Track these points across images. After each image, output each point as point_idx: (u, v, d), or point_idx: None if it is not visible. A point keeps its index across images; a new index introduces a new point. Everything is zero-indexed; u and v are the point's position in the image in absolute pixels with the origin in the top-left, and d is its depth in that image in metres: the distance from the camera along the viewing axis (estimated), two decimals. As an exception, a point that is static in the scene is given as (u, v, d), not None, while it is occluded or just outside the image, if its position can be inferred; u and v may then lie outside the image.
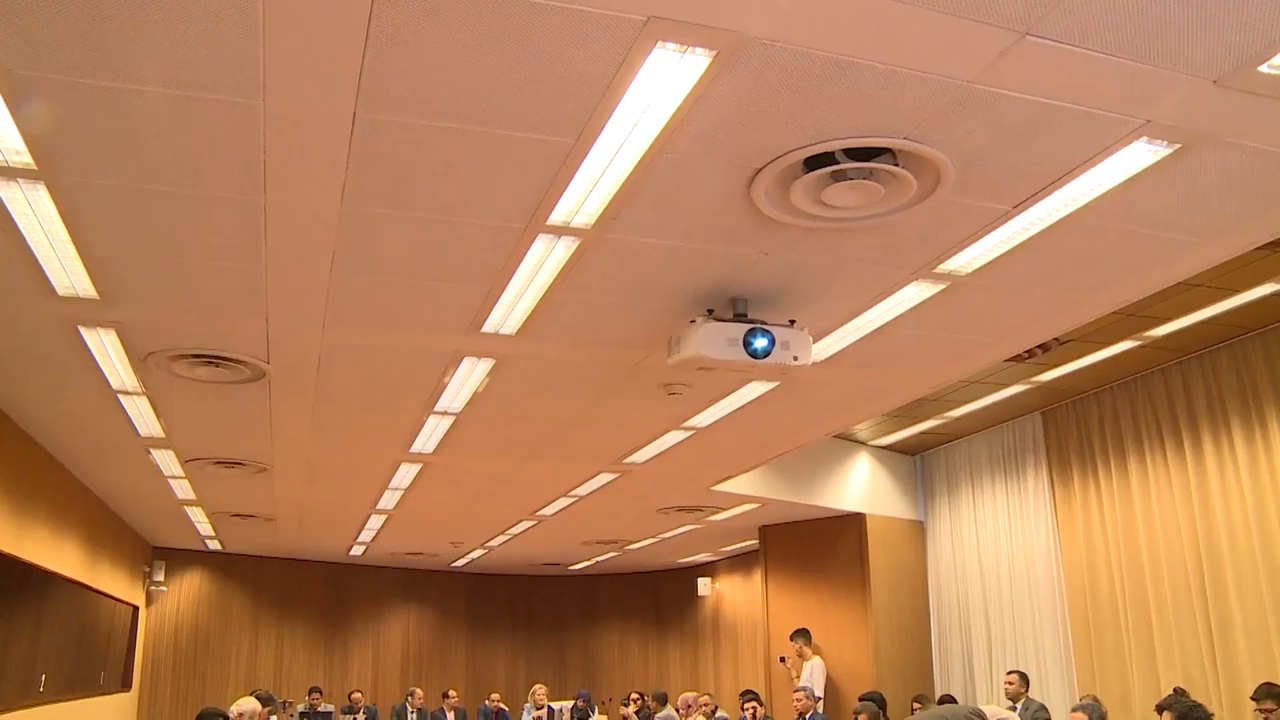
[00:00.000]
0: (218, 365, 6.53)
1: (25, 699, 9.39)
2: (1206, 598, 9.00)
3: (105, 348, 6.27)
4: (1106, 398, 10.29)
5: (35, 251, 4.82)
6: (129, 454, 9.26)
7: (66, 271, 5.07)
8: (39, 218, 4.48)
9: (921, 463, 13.06)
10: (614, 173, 4.14)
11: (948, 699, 10.48)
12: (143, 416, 7.93)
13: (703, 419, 8.03)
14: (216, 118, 3.68)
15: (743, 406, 7.66)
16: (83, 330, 5.97)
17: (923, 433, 11.92)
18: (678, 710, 12.72)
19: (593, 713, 14.73)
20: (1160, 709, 5.88)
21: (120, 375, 6.84)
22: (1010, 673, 9.22)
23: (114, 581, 13.10)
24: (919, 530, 12.90)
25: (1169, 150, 4.02)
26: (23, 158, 3.97)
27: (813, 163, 4.06)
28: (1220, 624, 8.86)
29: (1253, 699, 7.27)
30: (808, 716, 10.25)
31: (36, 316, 5.78)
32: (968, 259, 5.10)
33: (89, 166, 4.05)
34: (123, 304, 5.54)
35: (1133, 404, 9.98)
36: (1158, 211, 4.62)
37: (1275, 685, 7.20)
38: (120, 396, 7.37)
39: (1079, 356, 9.03)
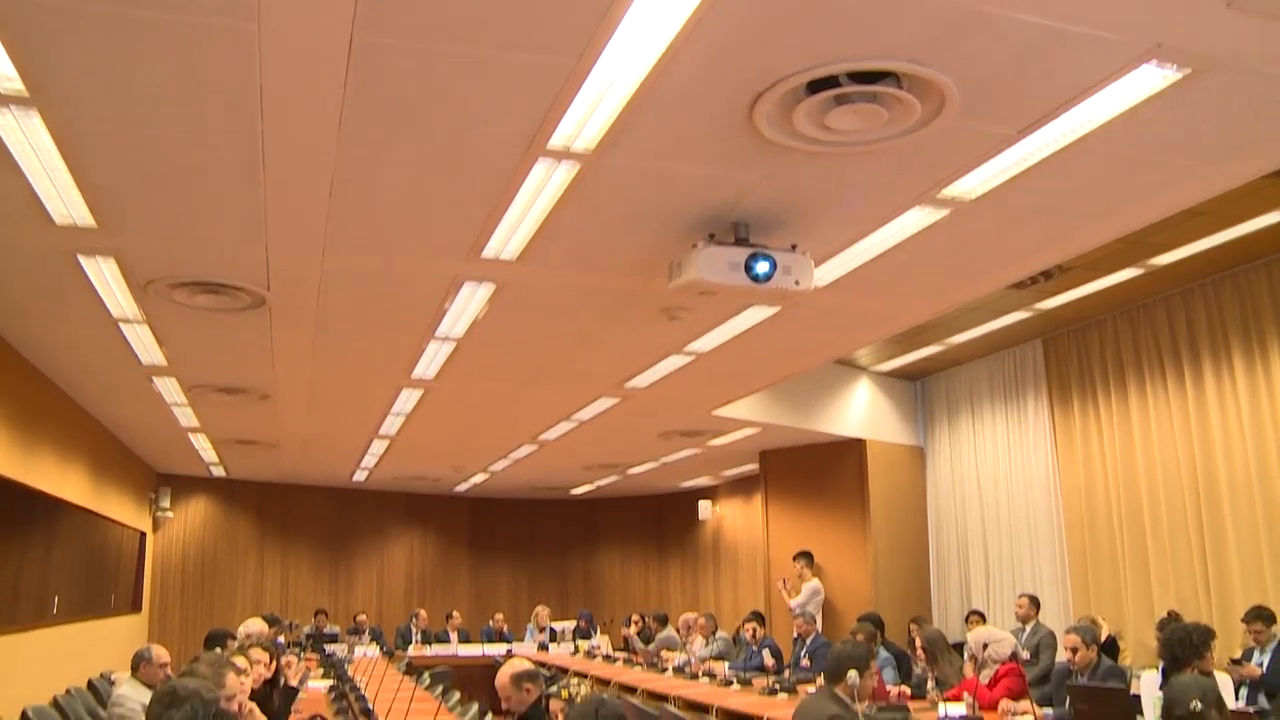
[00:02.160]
0: (218, 292, 6.52)
1: (40, 620, 9.56)
2: (1202, 523, 9.10)
3: (105, 276, 6.25)
4: (1108, 326, 10.29)
5: (31, 180, 4.78)
6: (131, 382, 9.28)
7: (63, 200, 5.04)
8: (33, 146, 4.44)
9: (922, 388, 13.10)
10: (615, 96, 4.08)
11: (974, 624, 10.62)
12: (144, 344, 7.94)
13: (703, 344, 8.02)
14: (211, 42, 3.63)
15: (744, 331, 7.66)
16: (82, 259, 5.95)
17: (923, 359, 11.93)
18: (678, 631, 12.91)
19: (594, 633, 14.96)
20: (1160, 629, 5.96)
21: (120, 303, 6.83)
22: (1021, 596, 9.33)
23: (121, 508, 13.24)
24: (919, 456, 12.98)
25: (1179, 75, 3.95)
26: (14, 84, 3.91)
27: (815, 86, 4.01)
28: (1214, 549, 8.97)
29: (1243, 621, 7.38)
30: (808, 639, 10.40)
31: (35, 246, 5.76)
32: (971, 185, 5.06)
33: (82, 93, 4.00)
34: (121, 232, 5.52)
35: (1134, 332, 9.98)
36: (1165, 137, 4.57)
37: (1265, 608, 7.31)
38: (121, 325, 7.37)
39: (1081, 284, 9.01)
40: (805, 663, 10.06)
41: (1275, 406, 8.55)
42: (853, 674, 5.00)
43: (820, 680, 8.65)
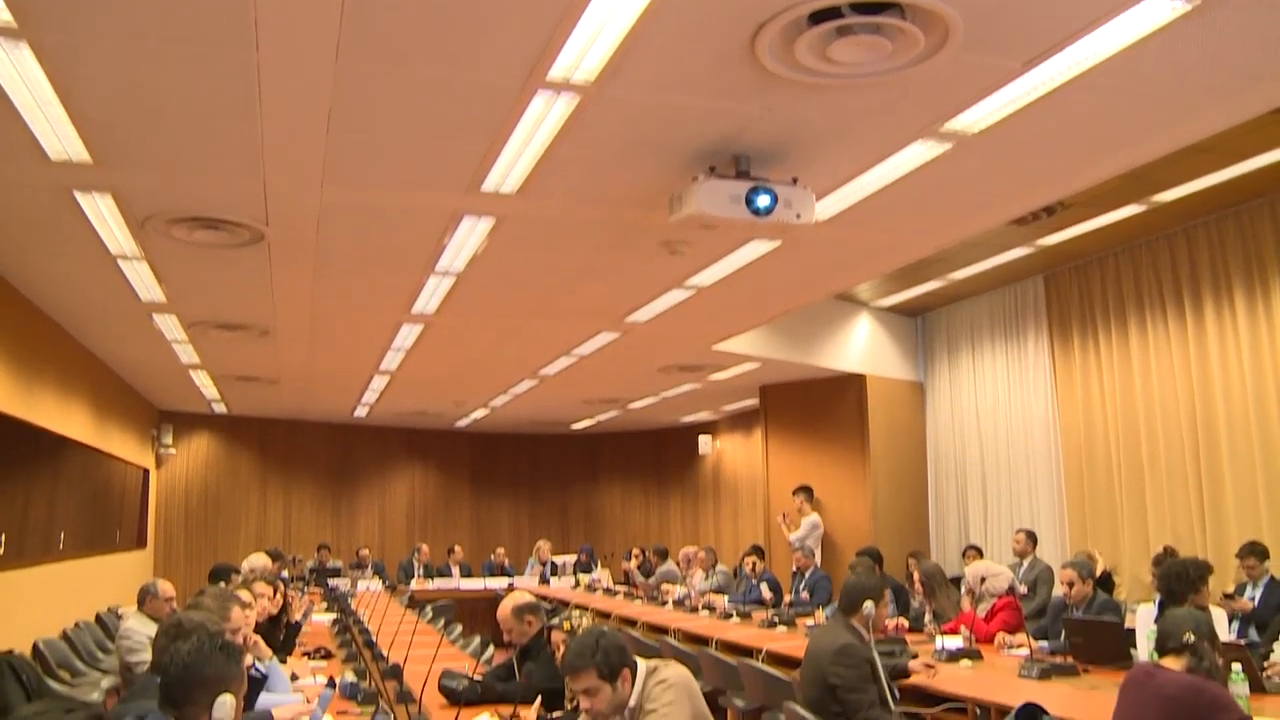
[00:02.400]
0: (216, 228, 6.49)
1: (47, 556, 9.66)
2: (1199, 460, 9.15)
3: (102, 212, 6.21)
4: (1109, 263, 10.26)
5: (24, 115, 4.72)
6: (131, 319, 9.27)
7: (57, 135, 4.99)
8: (24, 79, 4.38)
9: (922, 324, 13.09)
10: (615, 26, 4.02)
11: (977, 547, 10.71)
12: (143, 281, 7.91)
13: (704, 278, 8.00)
14: (204, -29, 3.57)
15: (744, 266, 7.63)
16: (78, 195, 5.90)
17: (924, 294, 11.91)
18: (678, 565, 13.04)
19: (595, 567, 15.11)
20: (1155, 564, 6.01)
21: (119, 240, 6.80)
22: (1019, 531, 9.42)
23: (124, 445, 13.30)
24: (918, 391, 13.01)
25: (1187, 6, 3.90)
26: (2, 15, 3.85)
27: (818, 17, 3.96)
28: (1211, 485, 9.03)
29: (1237, 557, 7.45)
30: (807, 573, 10.50)
31: (30, 182, 5.71)
32: (974, 118, 5.01)
33: (72, 23, 3.94)
34: (117, 167, 5.47)
35: (1136, 270, 9.95)
36: (1171, 71, 4.52)
37: (1259, 544, 7.38)
38: (120, 261, 7.34)
39: (1083, 220, 8.94)
40: (804, 595, 10.17)
41: (1275, 345, 8.56)
42: (868, 605, 5.05)
43: (819, 613, 8.79)
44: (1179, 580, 5.54)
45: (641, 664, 3.71)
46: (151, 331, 9.76)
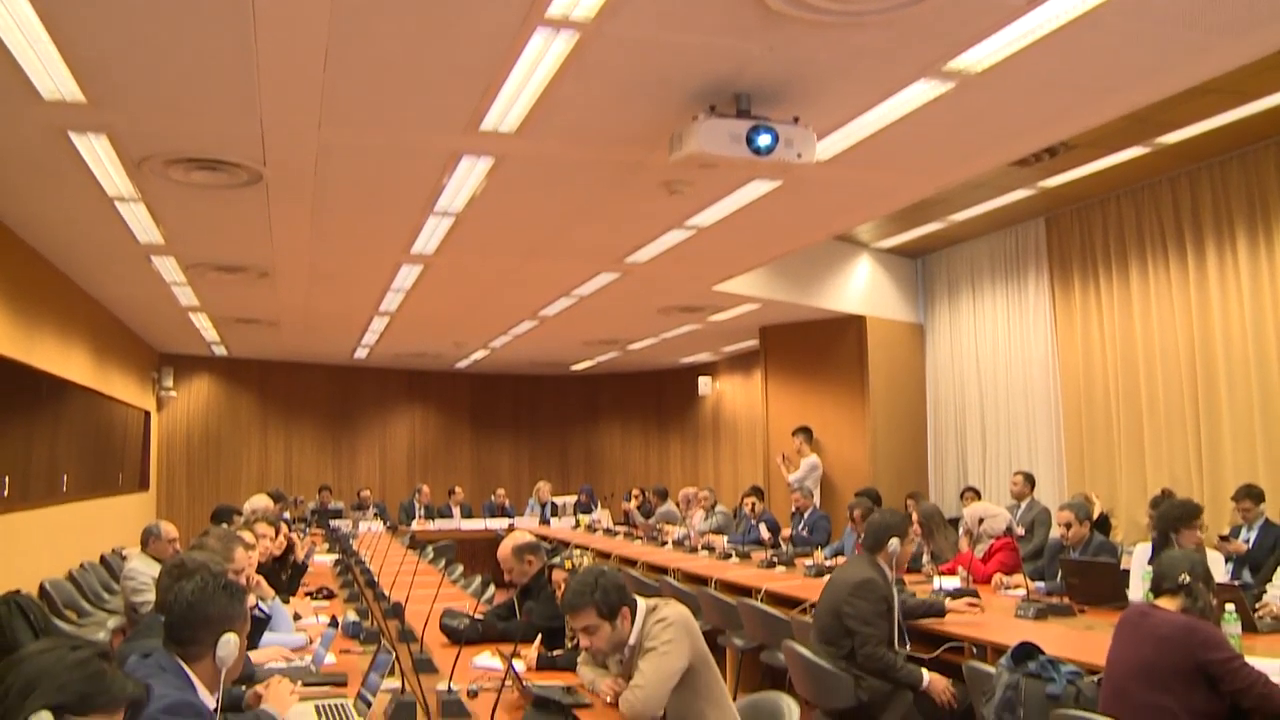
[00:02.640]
0: (213, 169, 6.44)
1: (51, 498, 9.71)
2: (1198, 403, 9.17)
3: (98, 153, 6.16)
4: (1112, 205, 10.19)
5: (14, 53, 4.66)
6: (130, 262, 9.24)
7: (50, 74, 4.93)
8: (14, 17, 4.31)
9: (922, 266, 13.05)
10: (615, -37, 3.96)
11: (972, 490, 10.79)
12: (141, 223, 7.87)
13: (704, 218, 7.96)
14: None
15: (744, 206, 7.59)
16: (73, 135, 5.84)
17: (925, 236, 11.85)
18: (678, 505, 13.11)
19: (595, 508, 15.19)
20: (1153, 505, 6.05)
21: (115, 182, 6.75)
22: (1017, 473, 9.47)
23: (124, 388, 13.32)
24: (918, 333, 13.00)
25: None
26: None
27: (822, -47, 3.90)
28: (1209, 429, 9.06)
29: (1233, 499, 7.49)
30: (806, 514, 10.56)
31: (23, 122, 5.65)
32: (978, 57, 4.95)
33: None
34: (112, 107, 5.42)
35: (1138, 212, 9.89)
36: (1179, 9, 4.46)
37: (1255, 486, 7.42)
38: (117, 203, 7.29)
39: (1086, 162, 8.87)
40: (804, 532, 10.25)
41: (1276, 289, 8.53)
42: (894, 542, 5.11)
43: (818, 553, 8.86)
44: (1176, 521, 5.62)
45: (641, 602, 3.74)
46: (150, 274, 9.73)
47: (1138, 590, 5.77)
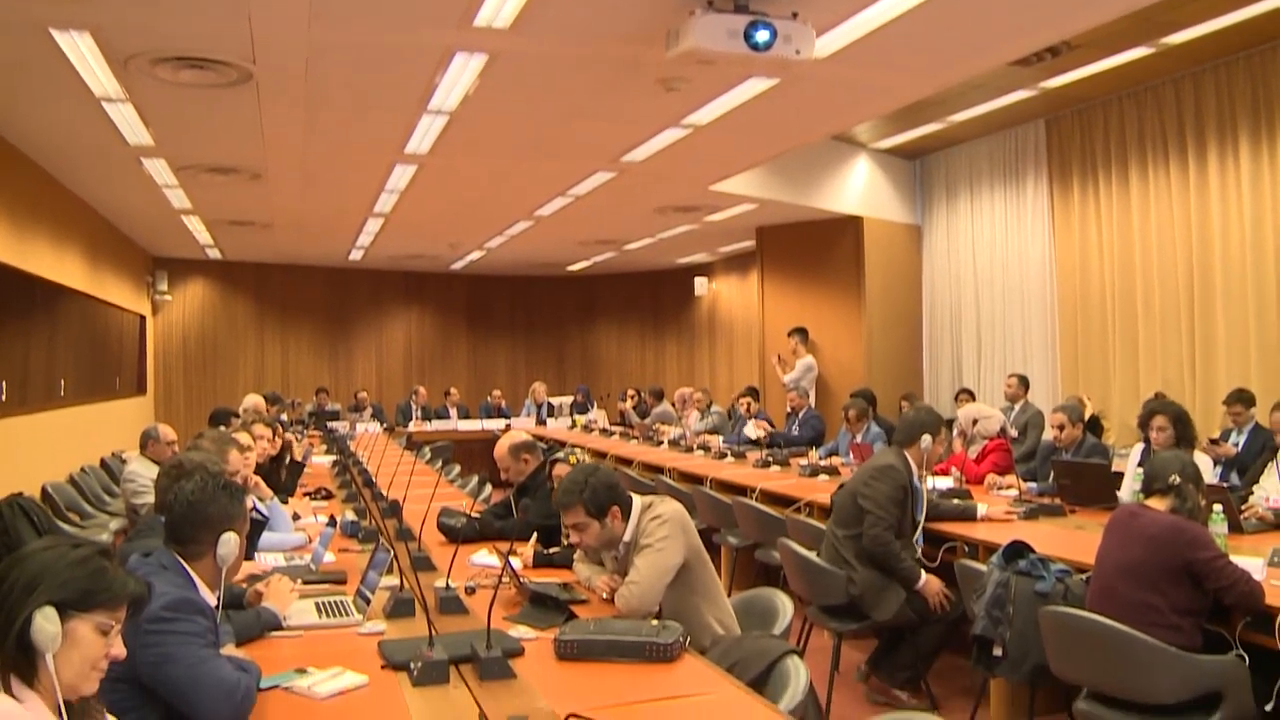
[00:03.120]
0: (202, 68, 6.33)
1: (49, 402, 9.76)
2: (1193, 307, 9.19)
3: (82, 52, 6.04)
4: (1113, 107, 10.07)
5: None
6: (120, 164, 9.13)
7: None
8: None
9: (921, 167, 12.93)
10: None
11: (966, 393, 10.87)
12: (130, 124, 7.76)
13: (701, 116, 7.86)
14: None
15: (742, 104, 7.48)
16: (55, 33, 5.72)
17: (923, 136, 11.72)
18: (673, 405, 13.19)
19: (591, 407, 15.30)
20: (1154, 411, 6.07)
21: (102, 81, 6.63)
22: (1011, 376, 9.52)
23: (119, 292, 13.29)
24: (915, 234, 12.94)
25: None
26: None
27: None
28: (1203, 333, 9.09)
29: (1224, 404, 7.53)
30: (800, 413, 10.64)
31: (2, 18, 5.53)
32: (981, -51, 4.85)
33: None
34: (94, 2, 5.30)
35: (1140, 114, 9.78)
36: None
37: (1246, 391, 7.46)
38: (105, 104, 7.17)
39: (1088, 62, 8.72)
40: (795, 432, 10.34)
41: (1277, 194, 8.47)
42: (926, 439, 5.15)
43: (813, 452, 8.94)
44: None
45: (636, 500, 3.78)
46: (141, 176, 9.63)
47: (1127, 490, 5.86)
